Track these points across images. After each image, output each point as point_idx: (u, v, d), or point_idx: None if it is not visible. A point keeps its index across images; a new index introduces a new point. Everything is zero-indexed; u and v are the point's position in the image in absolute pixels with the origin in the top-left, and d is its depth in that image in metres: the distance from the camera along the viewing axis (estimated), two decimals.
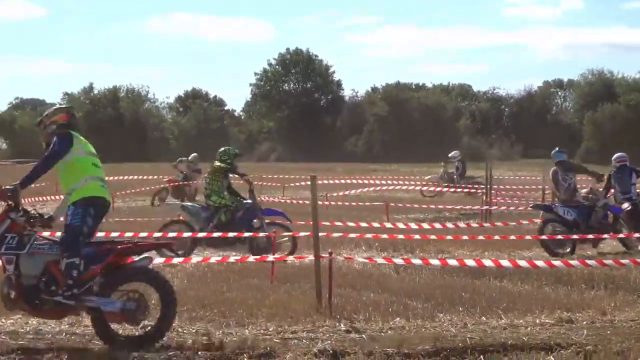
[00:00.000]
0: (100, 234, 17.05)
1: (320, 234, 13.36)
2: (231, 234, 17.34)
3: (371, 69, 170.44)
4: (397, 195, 36.07)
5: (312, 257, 13.17)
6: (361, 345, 10.19)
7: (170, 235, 16.74)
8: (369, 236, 17.83)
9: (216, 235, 17.33)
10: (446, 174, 38.82)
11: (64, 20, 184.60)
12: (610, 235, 19.02)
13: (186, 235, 17.46)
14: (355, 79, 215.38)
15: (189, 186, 33.45)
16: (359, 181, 39.69)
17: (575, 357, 9.80)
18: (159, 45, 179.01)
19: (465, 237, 17.98)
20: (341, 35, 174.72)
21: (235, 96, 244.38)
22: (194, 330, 10.98)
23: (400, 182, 39.40)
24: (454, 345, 10.24)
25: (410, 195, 36.48)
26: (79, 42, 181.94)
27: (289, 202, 31.10)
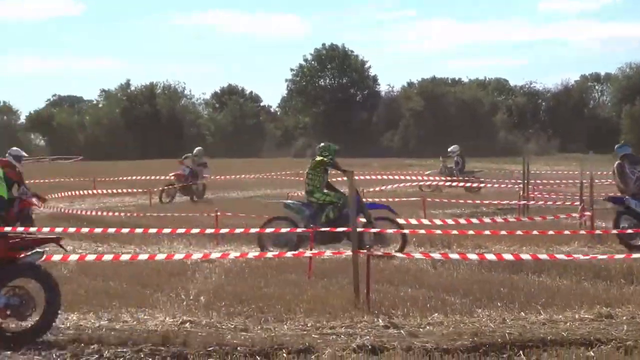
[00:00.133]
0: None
1: (357, 230, 13.33)
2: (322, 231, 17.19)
3: (407, 64, 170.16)
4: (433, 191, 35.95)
5: (349, 253, 13.16)
6: (400, 340, 10.18)
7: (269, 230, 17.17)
8: (406, 231, 17.79)
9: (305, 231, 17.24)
10: (446, 168, 38.62)
11: (102, 17, 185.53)
12: None
13: (288, 230, 17.50)
14: (391, 74, 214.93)
15: (196, 184, 33.53)
16: (395, 177, 39.59)
17: (615, 353, 9.74)
18: (196, 41, 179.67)
19: (503, 232, 17.89)
20: (377, 30, 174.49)
21: (271, 92, 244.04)
22: (233, 326, 11.02)
23: (437, 178, 39.17)
24: (493, 340, 10.20)
25: (447, 190, 36.32)
26: (117, 39, 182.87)
27: None
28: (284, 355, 9.71)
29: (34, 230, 18.55)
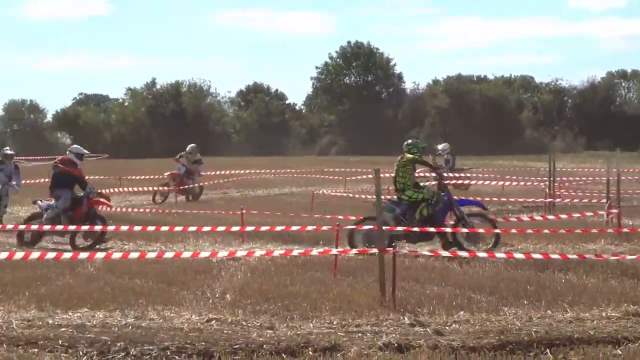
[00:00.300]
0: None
1: (383, 227, 13.32)
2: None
3: (432, 61, 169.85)
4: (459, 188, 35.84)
5: (375, 251, 13.15)
6: (426, 338, 10.16)
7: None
8: (432, 229, 17.75)
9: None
10: (436, 165, 38.21)
11: (128, 16, 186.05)
12: None
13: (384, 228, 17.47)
14: (416, 71, 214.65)
15: (193, 179, 33.24)
16: (421, 174, 39.44)
17: None
18: (221, 40, 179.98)
19: (529, 231, 17.83)
20: (402, 27, 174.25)
21: (297, 90, 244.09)
22: (258, 324, 11.02)
23: (462, 175, 39.00)
24: (520, 338, 10.16)
25: (472, 187, 36.20)
26: (142, 38, 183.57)
27: (351, 195, 31.09)
28: (310, 353, 9.71)
29: (98, 229, 18.62)
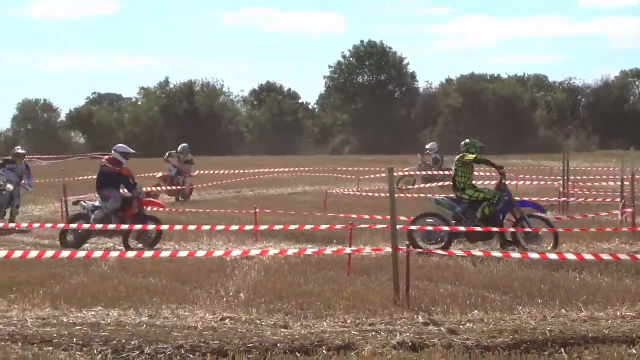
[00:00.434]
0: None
1: (397, 226, 13.30)
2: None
3: (445, 60, 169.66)
4: None
5: (388, 249, 13.13)
6: (439, 337, 10.16)
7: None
8: (445, 228, 17.74)
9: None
10: (424, 165, 38.09)
11: (141, 15, 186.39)
12: None
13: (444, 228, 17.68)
14: (429, 70, 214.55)
15: (184, 183, 32.43)
16: (434, 172, 39.38)
17: None
18: (234, 39, 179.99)
19: (543, 229, 17.80)
20: (415, 26, 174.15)
21: (310, 89, 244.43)
22: (272, 322, 11.03)
23: (475, 174, 38.91)
24: (534, 337, 10.15)
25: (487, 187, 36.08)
26: (155, 37, 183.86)
27: (364, 194, 31.08)
28: (324, 351, 9.72)
29: (152, 229, 18.48)
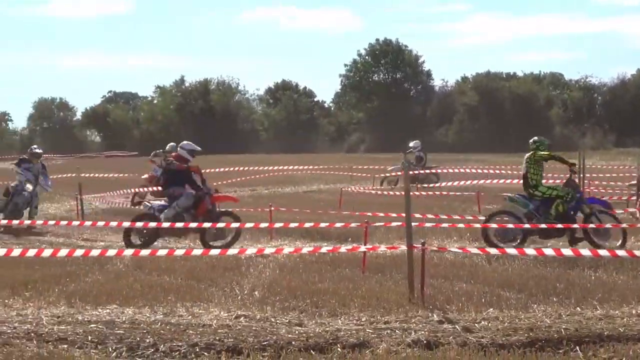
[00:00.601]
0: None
1: (412, 224, 13.28)
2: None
3: (461, 58, 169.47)
4: (488, 185, 35.69)
5: (404, 247, 13.11)
6: (454, 335, 10.14)
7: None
8: (461, 226, 17.71)
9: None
10: (408, 163, 37.91)
11: (157, 14, 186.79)
12: None
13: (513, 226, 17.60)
14: (445, 68, 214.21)
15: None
16: (450, 170, 39.37)
17: None
18: (249, 37, 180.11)
19: (559, 226, 17.74)
20: (431, 24, 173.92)
21: (325, 87, 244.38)
22: (287, 320, 11.03)
23: (491, 172, 38.82)
24: (549, 336, 10.12)
25: (501, 185, 36.03)
26: (171, 36, 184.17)
27: (380, 192, 31.05)
28: (339, 349, 9.70)
29: (222, 226, 18.25)
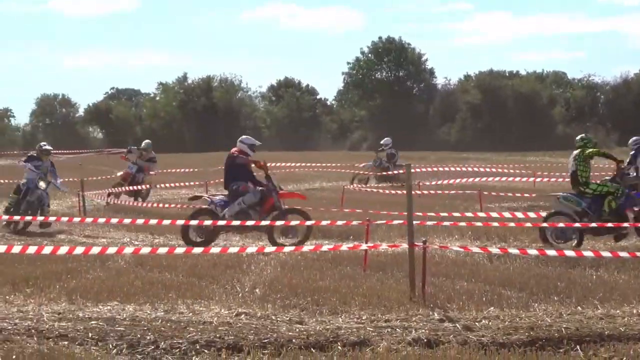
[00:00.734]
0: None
1: (414, 222, 13.27)
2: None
3: (464, 56, 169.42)
4: (490, 184, 35.67)
5: (405, 246, 13.10)
6: (455, 334, 10.13)
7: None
8: (462, 224, 17.70)
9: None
10: (380, 161, 37.86)
11: (159, 11, 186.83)
12: None
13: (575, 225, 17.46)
14: (447, 67, 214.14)
15: (143, 182, 29.78)
16: (452, 168, 39.33)
17: None
18: (252, 35, 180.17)
19: (561, 225, 17.74)
20: (433, 23, 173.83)
21: (328, 85, 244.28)
22: (287, 318, 11.02)
23: (493, 170, 38.79)
24: (550, 335, 10.11)
25: (503, 184, 36.03)
26: (173, 33, 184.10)
27: (382, 191, 31.03)
28: (339, 347, 9.69)
29: (280, 224, 18.01)
